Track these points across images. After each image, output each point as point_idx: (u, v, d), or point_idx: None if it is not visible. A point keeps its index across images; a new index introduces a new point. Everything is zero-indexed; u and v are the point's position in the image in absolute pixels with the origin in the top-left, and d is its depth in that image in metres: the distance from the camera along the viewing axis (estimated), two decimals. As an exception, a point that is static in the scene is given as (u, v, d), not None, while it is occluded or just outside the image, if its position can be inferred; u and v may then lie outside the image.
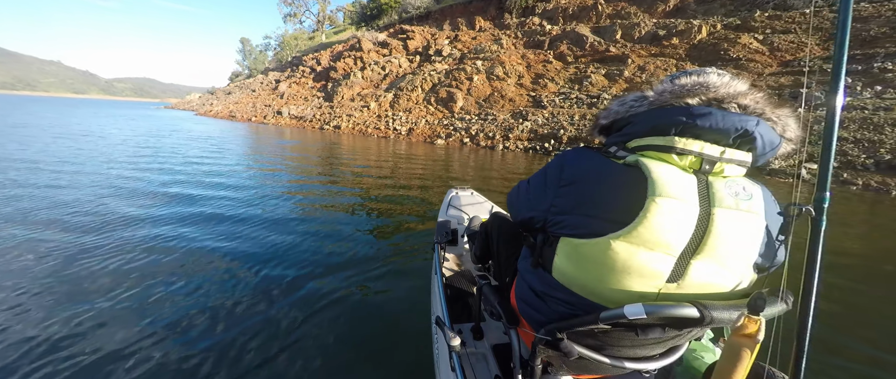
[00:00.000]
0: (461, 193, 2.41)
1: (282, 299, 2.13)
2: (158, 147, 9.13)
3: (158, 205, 4.02)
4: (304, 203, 4.37)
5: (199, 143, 10.47)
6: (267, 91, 27.57)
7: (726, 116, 0.61)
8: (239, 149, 9.70)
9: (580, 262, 0.65)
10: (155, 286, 2.24)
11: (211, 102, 33.90)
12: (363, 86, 20.37)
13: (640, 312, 0.58)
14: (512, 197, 0.89)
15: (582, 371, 0.82)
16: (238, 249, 2.86)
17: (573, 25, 17.61)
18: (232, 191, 4.84)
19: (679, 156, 0.63)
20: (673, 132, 0.63)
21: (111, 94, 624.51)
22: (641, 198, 0.59)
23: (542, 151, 10.09)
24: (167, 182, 5.25)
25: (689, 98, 0.65)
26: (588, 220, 0.63)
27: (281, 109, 21.21)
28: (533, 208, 0.75)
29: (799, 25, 13.02)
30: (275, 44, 46.18)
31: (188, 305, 2.05)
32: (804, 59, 11.53)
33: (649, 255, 0.59)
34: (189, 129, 14.99)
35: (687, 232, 0.59)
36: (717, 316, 0.57)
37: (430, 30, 22.52)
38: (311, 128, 17.77)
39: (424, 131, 13.97)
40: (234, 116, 23.60)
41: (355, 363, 1.63)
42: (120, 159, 7.05)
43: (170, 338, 1.76)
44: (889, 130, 7.26)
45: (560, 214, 0.68)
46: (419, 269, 2.53)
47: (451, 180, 6.20)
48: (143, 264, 2.53)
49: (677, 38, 14.56)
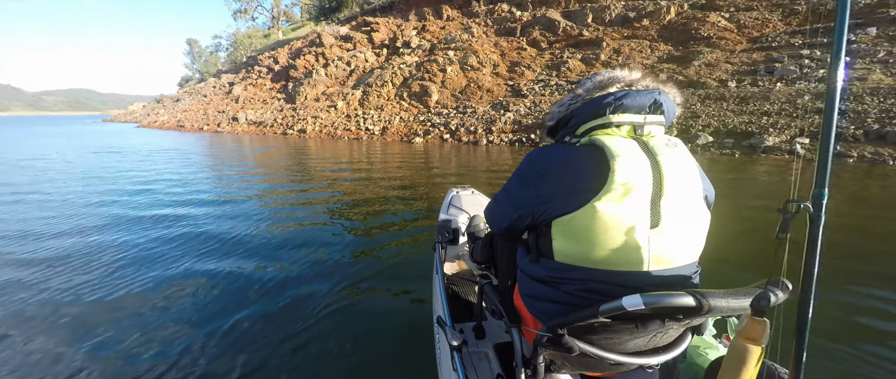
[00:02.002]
0: (462, 192, 2.40)
1: (281, 301, 2.14)
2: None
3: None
4: (290, 212, 4.19)
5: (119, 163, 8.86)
6: (220, 95, 25.12)
7: (640, 94, 0.77)
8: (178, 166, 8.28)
9: (576, 234, 0.72)
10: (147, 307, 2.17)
11: (157, 112, 30.62)
12: (328, 84, 18.87)
13: (638, 303, 0.59)
14: (491, 211, 0.95)
15: (584, 368, 0.83)
16: (230, 259, 2.78)
17: (543, 11, 17.17)
18: (195, 208, 4.36)
19: (617, 127, 0.77)
20: (608, 112, 0.77)
21: (40, 109, 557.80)
22: (606, 163, 0.70)
23: (528, 143, 9.48)
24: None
25: (610, 87, 0.82)
26: (571, 197, 0.71)
27: (237, 115, 19.24)
28: (519, 207, 0.81)
29: (760, 2, 13.30)
30: (227, 44, 42.76)
31: (186, 315, 2.04)
32: (770, 34, 11.74)
33: (628, 204, 0.68)
34: (123, 147, 12.98)
35: (647, 178, 0.69)
36: (714, 304, 0.59)
37: (395, 21, 21.29)
38: (274, 133, 16.16)
39: (400, 130, 12.98)
40: (183, 126, 21.21)
41: (357, 364, 1.63)
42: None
43: (167, 344, 1.77)
44: (869, 99, 7.28)
45: (546, 200, 0.75)
46: (420, 268, 2.51)
47: (435, 177, 5.78)
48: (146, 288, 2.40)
49: (647, 19, 14.50)
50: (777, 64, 9.91)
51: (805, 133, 6.88)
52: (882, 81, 7.81)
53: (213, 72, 38.23)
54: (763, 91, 8.77)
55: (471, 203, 2.26)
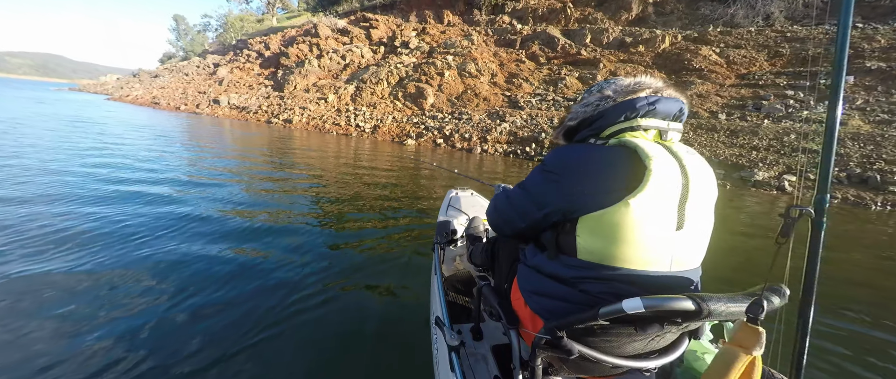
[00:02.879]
0: (461, 193, 2.38)
1: (281, 301, 2.04)
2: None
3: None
4: (287, 208, 3.91)
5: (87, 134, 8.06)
6: (203, 76, 23.86)
7: (669, 101, 0.80)
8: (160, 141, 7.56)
9: (605, 231, 0.71)
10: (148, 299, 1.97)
11: (132, 86, 28.77)
12: (320, 75, 18.24)
13: (638, 306, 0.59)
14: (500, 213, 0.92)
15: (582, 371, 0.82)
16: (224, 254, 2.57)
17: (544, 26, 17.38)
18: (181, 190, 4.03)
19: (645, 131, 0.78)
20: (639, 115, 0.78)
21: (4, 72, 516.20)
22: (640, 163, 0.70)
23: (523, 156, 9.32)
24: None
25: (639, 92, 0.82)
26: (604, 195, 0.71)
27: (218, 98, 18.25)
28: (544, 205, 0.79)
29: (747, 42, 13.92)
30: (216, 24, 41.00)
31: (182, 313, 1.88)
32: (757, 72, 12.24)
33: (660, 204, 0.69)
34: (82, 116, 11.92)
35: (677, 181, 0.71)
36: (714, 308, 0.58)
37: (395, 20, 20.99)
38: (257, 121, 15.36)
39: (392, 129, 12.59)
40: (158, 103, 19.91)
41: (355, 364, 1.62)
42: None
43: (164, 346, 1.62)
44: (850, 144, 7.57)
45: (578, 196, 0.73)
46: (418, 269, 2.48)
47: (428, 180, 5.51)
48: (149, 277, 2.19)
49: (643, 46, 14.89)
50: (764, 101, 10.27)
51: (792, 169, 7.03)
52: (861, 128, 8.16)
53: (199, 51, 36.51)
54: (752, 126, 9.02)
55: (470, 204, 2.24)
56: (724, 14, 15.62)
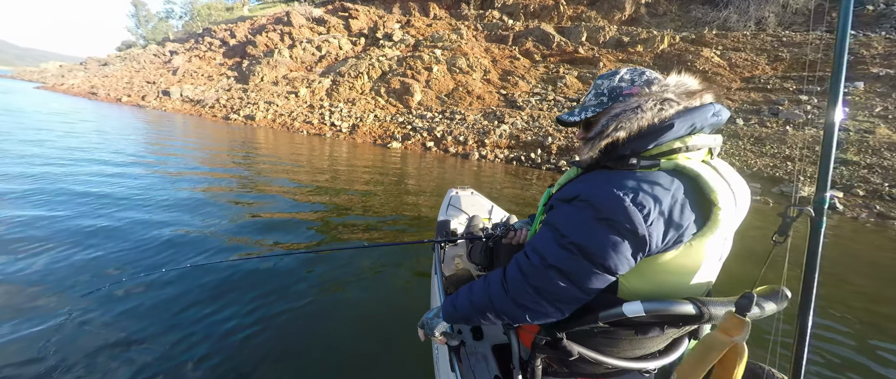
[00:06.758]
0: (461, 192, 2.38)
1: (281, 301, 2.09)
2: None
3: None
4: (285, 209, 3.70)
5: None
6: (156, 65, 21.10)
7: (724, 111, 0.68)
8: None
9: (660, 274, 0.65)
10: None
11: (74, 74, 25.30)
12: (291, 67, 16.27)
13: (639, 311, 0.58)
14: (545, 294, 0.69)
15: (581, 372, 0.82)
16: (229, 258, 2.44)
17: (536, 23, 16.37)
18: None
19: (697, 150, 0.66)
20: (697, 130, 0.65)
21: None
22: (704, 197, 0.61)
23: (528, 163, 8.02)
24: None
25: (699, 97, 0.67)
26: (671, 241, 0.63)
27: (169, 89, 15.85)
28: (614, 271, 0.63)
29: (745, 45, 13.46)
30: (181, 11, 37.43)
31: (187, 318, 1.93)
32: (761, 76, 11.68)
33: (721, 239, 0.64)
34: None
35: (734, 212, 0.65)
36: (715, 312, 0.59)
37: (377, 11, 19.31)
38: (212, 116, 13.25)
39: (373, 130, 10.99)
40: (96, 94, 17.17)
41: (355, 363, 1.64)
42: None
43: (178, 351, 1.67)
44: (888, 154, 6.83)
45: (650, 248, 0.62)
46: (419, 268, 2.50)
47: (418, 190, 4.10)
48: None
49: (641, 45, 14.16)
50: (779, 106, 9.59)
51: (837, 185, 6.16)
52: (892, 137, 7.49)
53: (160, 40, 33.03)
54: (777, 133, 8.22)
55: (470, 204, 2.23)
56: (716, 17, 15.20)
